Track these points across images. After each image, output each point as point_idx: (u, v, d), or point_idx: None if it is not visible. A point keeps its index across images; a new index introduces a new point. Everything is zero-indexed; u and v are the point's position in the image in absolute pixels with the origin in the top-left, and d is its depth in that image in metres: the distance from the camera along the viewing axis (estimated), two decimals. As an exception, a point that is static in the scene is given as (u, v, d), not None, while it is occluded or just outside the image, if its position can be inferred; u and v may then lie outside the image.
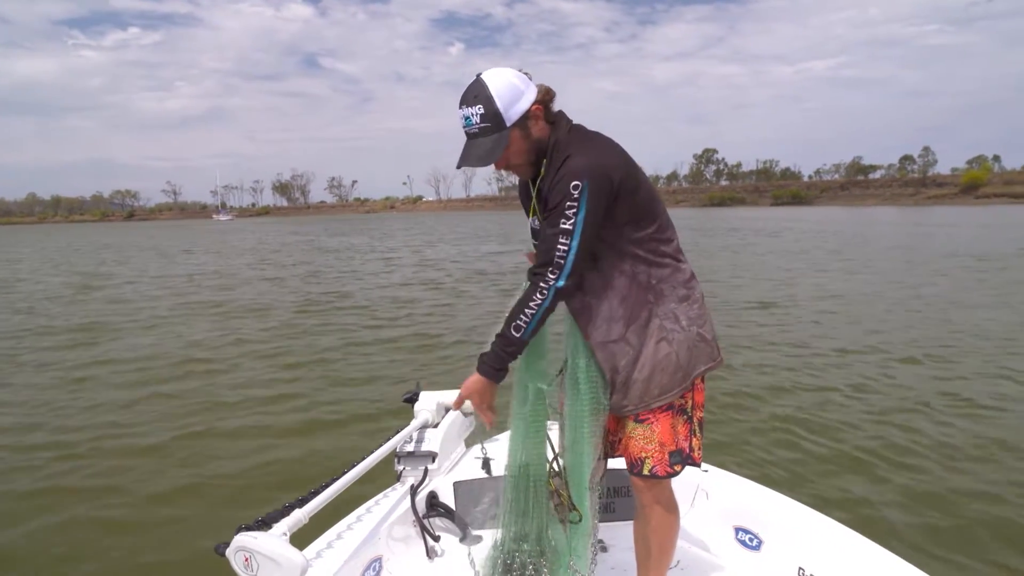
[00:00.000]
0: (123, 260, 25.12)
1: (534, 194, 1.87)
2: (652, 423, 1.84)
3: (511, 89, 1.73)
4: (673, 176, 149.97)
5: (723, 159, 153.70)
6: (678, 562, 2.33)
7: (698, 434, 1.91)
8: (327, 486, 2.08)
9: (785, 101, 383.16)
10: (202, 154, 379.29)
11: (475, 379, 1.87)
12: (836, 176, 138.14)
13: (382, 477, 2.55)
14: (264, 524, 1.87)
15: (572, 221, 1.66)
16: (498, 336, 1.81)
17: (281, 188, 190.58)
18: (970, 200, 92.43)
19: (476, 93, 1.73)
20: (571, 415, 1.94)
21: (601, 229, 1.72)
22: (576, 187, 1.63)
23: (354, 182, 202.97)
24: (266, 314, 10.89)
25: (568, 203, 1.65)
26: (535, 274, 1.73)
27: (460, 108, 1.76)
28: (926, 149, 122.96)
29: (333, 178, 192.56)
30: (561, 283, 1.70)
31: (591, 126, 1.84)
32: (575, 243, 1.66)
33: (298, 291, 13.86)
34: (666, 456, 1.85)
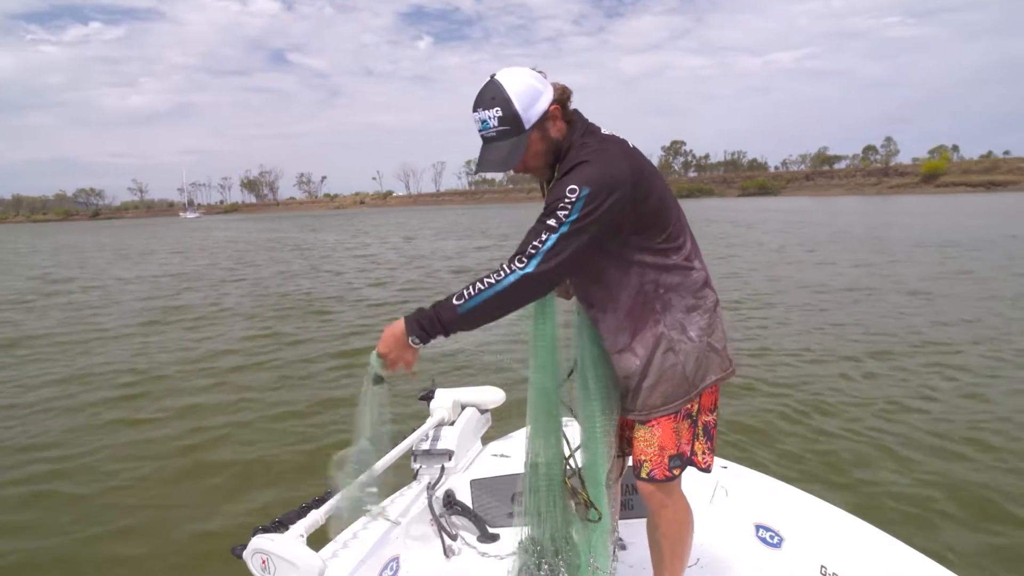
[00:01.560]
0: (80, 263, 24.41)
1: (545, 193, 1.81)
2: (653, 426, 1.82)
3: (529, 90, 1.68)
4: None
5: (691, 151, 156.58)
6: (697, 560, 2.31)
7: (702, 438, 1.88)
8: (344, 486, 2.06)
9: (752, 92, 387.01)
10: (169, 151, 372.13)
11: (396, 325, 1.74)
12: (802, 166, 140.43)
13: (398, 476, 2.53)
14: (281, 526, 1.88)
15: (558, 220, 1.59)
16: (439, 300, 1.71)
17: (250, 185, 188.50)
18: (930, 189, 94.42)
19: (493, 95, 1.66)
20: (583, 413, 1.92)
21: (603, 241, 1.67)
22: (573, 191, 1.58)
23: (323, 178, 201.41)
24: (261, 317, 10.92)
25: (561, 204, 1.59)
26: (508, 258, 1.66)
27: (476, 111, 1.69)
28: (888, 139, 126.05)
29: (302, 174, 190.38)
30: (527, 270, 1.59)
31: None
32: (554, 239, 1.58)
33: (282, 292, 13.75)
34: (665, 460, 1.83)
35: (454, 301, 1.65)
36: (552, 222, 1.59)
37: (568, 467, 2.01)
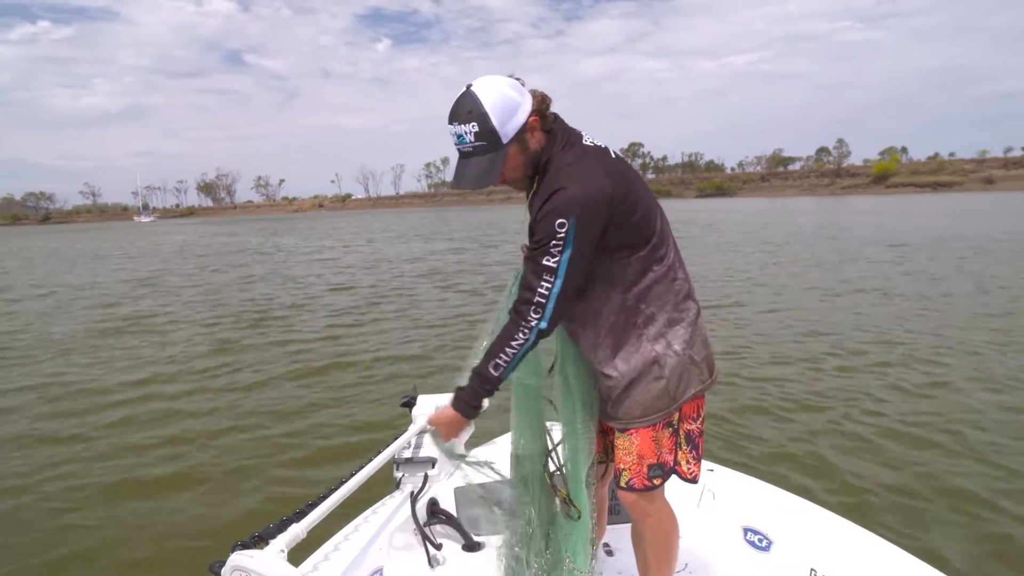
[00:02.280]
0: (27, 268, 23.62)
1: (527, 207, 1.79)
2: (632, 435, 1.82)
3: (507, 102, 1.62)
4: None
5: (649, 152, 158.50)
6: (686, 565, 2.29)
7: (685, 447, 1.85)
8: (325, 498, 2.01)
9: (709, 95, 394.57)
10: (123, 153, 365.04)
11: (450, 414, 1.85)
12: (758, 168, 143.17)
13: (380, 485, 2.46)
14: (260, 540, 1.83)
15: (557, 260, 1.58)
16: (475, 372, 1.76)
17: (206, 188, 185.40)
18: (880, 190, 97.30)
19: (469, 108, 1.60)
20: (564, 411, 1.91)
21: (592, 261, 1.66)
22: (562, 225, 1.56)
23: (281, 181, 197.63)
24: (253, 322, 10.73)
25: (554, 242, 1.57)
26: (517, 311, 1.67)
27: (451, 125, 1.63)
28: (840, 141, 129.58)
29: (260, 177, 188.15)
30: (543, 325, 1.64)
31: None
32: (559, 283, 1.60)
33: (242, 298, 13.46)
34: (644, 469, 1.81)
35: (492, 372, 1.72)
36: (550, 263, 1.60)
37: (550, 465, 2.00)
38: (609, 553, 2.37)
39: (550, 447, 2.01)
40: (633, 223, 1.68)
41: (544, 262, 1.60)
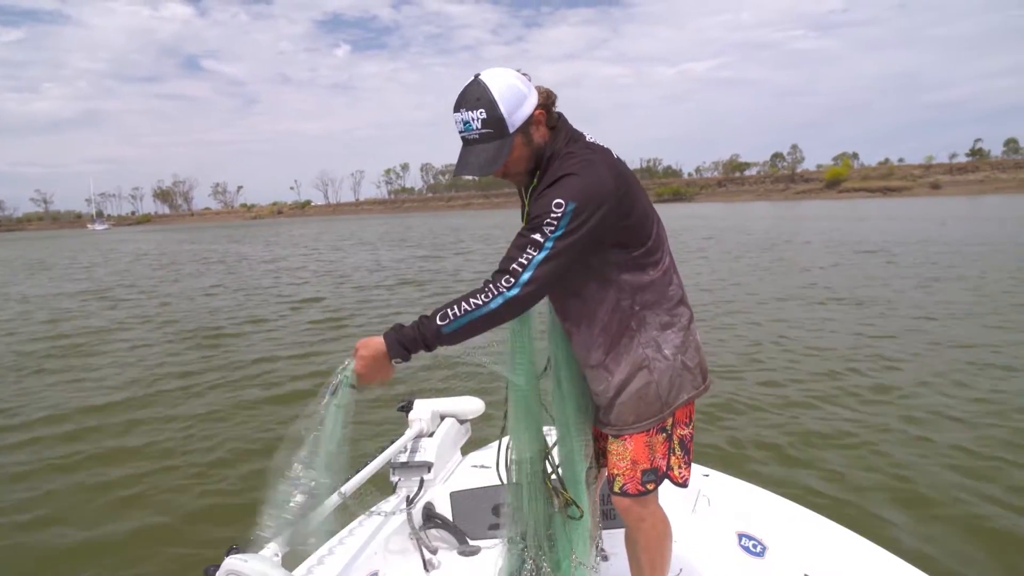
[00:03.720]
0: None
1: (526, 202, 1.79)
2: (626, 441, 1.82)
3: (514, 93, 1.63)
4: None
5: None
6: (680, 570, 2.29)
7: (678, 452, 1.86)
8: (320, 502, 1.97)
9: (668, 101, 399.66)
10: (76, 160, 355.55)
11: (376, 341, 1.67)
12: (715, 173, 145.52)
13: (376, 489, 2.48)
14: (255, 545, 1.82)
15: (544, 236, 1.56)
16: (421, 316, 1.64)
17: (163, 195, 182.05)
18: (833, 194, 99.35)
19: (478, 96, 1.61)
20: (557, 413, 1.93)
21: (585, 256, 1.65)
22: (559, 205, 1.55)
23: (239, 187, 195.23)
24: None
25: (547, 220, 1.56)
26: (489, 278, 1.61)
27: (458, 111, 1.64)
28: (794, 147, 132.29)
29: (218, 184, 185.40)
30: (513, 292, 1.56)
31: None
32: (540, 257, 1.56)
33: (198, 311, 12.98)
34: (638, 474, 1.81)
35: (438, 321, 1.60)
36: (537, 237, 1.57)
37: (548, 465, 2.01)
38: (604, 558, 2.37)
39: (547, 450, 2.00)
40: (630, 224, 1.69)
41: (531, 236, 1.57)
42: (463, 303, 1.59)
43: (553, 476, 1.99)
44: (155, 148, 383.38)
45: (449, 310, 1.60)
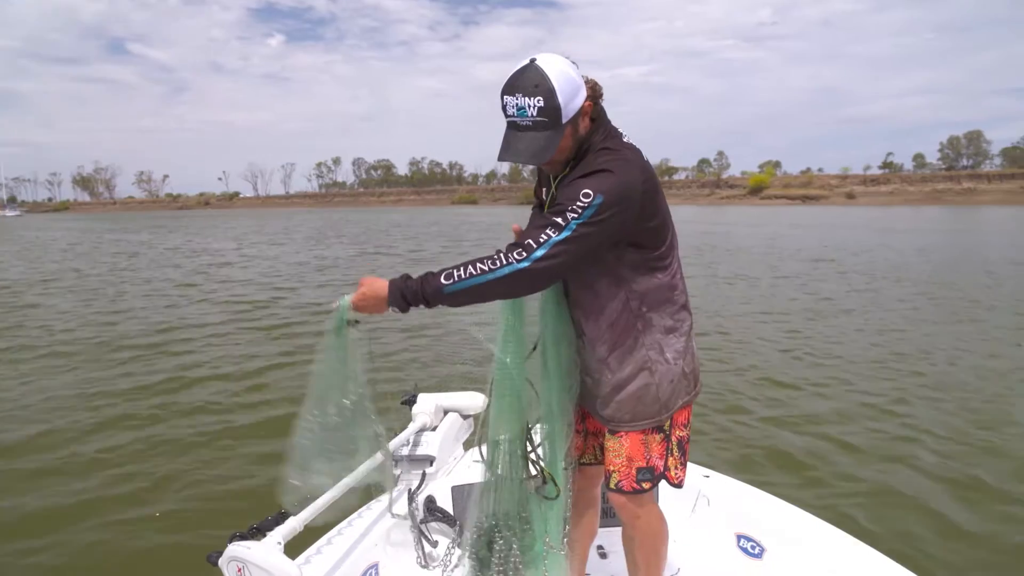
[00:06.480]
0: None
1: (554, 188, 1.77)
2: (622, 438, 1.82)
3: (571, 83, 1.61)
4: (492, 175, 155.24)
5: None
6: (678, 570, 2.28)
7: (676, 453, 1.85)
8: (323, 492, 2.02)
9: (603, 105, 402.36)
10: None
11: (379, 284, 1.68)
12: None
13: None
14: (258, 532, 1.84)
15: (565, 220, 1.54)
16: (428, 272, 1.64)
17: (83, 181, 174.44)
18: (756, 201, 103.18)
19: (536, 82, 1.57)
20: (542, 392, 1.90)
21: (600, 251, 1.65)
22: (587, 195, 1.54)
23: (165, 176, 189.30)
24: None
25: (573, 206, 1.55)
26: (506, 246, 1.60)
27: (514, 96, 1.59)
28: (720, 153, 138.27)
29: (142, 172, 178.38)
30: (524, 265, 1.55)
31: (416, 124, 2.07)
32: (558, 238, 1.54)
33: (113, 310, 12.05)
34: (633, 471, 1.81)
35: (442, 280, 1.60)
36: (559, 220, 1.55)
37: (527, 442, 1.97)
38: (603, 556, 2.38)
39: (528, 429, 1.97)
40: (652, 227, 1.70)
41: (554, 218, 1.57)
42: (470, 266, 1.59)
43: (532, 455, 1.98)
44: (75, 133, 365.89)
45: (455, 271, 1.60)
